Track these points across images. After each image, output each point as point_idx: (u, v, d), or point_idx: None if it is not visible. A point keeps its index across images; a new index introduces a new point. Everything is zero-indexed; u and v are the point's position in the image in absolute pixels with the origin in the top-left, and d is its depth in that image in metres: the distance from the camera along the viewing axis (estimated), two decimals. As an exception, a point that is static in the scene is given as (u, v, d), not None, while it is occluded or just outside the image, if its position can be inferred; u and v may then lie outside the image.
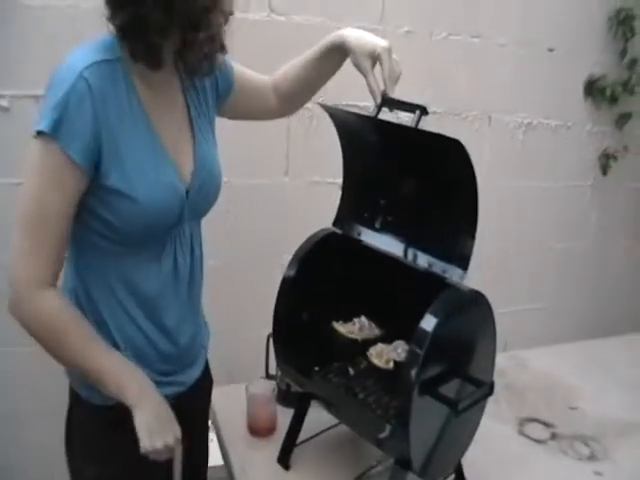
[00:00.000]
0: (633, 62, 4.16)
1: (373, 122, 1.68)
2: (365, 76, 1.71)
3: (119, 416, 1.50)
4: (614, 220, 4.48)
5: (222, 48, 1.59)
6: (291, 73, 1.92)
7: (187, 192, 1.58)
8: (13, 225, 1.44)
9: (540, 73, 3.87)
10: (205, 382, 1.91)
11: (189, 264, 1.67)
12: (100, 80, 1.42)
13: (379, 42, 1.71)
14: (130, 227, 1.50)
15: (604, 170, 4.30)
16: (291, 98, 1.96)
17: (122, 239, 1.52)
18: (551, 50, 3.90)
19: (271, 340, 1.85)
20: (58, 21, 2.57)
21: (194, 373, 1.80)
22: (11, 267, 1.44)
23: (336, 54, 1.80)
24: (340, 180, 1.91)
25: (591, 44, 4.08)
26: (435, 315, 1.50)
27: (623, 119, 4.28)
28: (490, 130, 3.76)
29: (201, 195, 1.63)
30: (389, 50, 1.69)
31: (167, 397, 1.59)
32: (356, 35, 1.75)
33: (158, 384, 1.60)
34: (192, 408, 1.78)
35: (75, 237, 1.53)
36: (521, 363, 2.78)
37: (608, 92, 4.13)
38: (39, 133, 1.40)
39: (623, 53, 4.14)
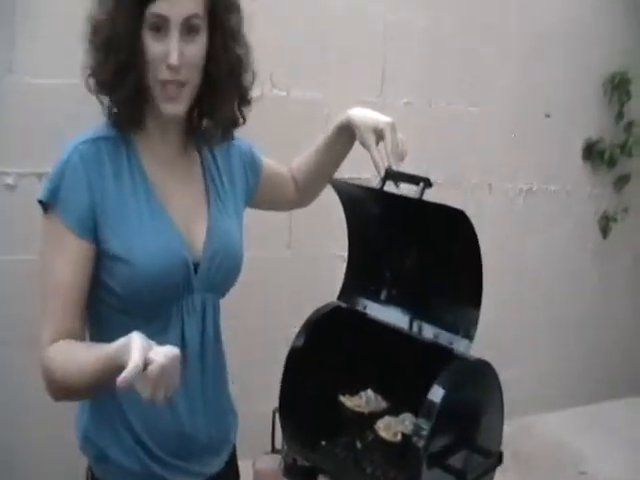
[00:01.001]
0: (630, 124, 4.22)
1: (378, 194, 1.69)
2: (369, 150, 1.73)
3: None
4: (615, 282, 4.49)
5: (234, 119, 1.65)
6: (305, 162, 1.96)
7: (198, 264, 1.59)
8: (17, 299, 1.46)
9: (538, 139, 3.92)
10: (228, 477, 1.84)
11: (199, 341, 1.64)
12: (95, 153, 1.49)
13: (382, 118, 1.75)
14: (132, 293, 1.50)
15: (604, 232, 4.32)
16: (308, 187, 1.99)
17: (127, 308, 1.53)
18: (548, 116, 3.96)
19: (277, 414, 1.84)
20: (62, 100, 2.62)
21: (214, 465, 1.74)
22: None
23: (344, 134, 1.84)
24: (342, 252, 1.92)
25: (587, 108, 4.14)
26: (442, 386, 1.50)
27: (622, 181, 4.33)
28: (490, 198, 3.79)
29: (214, 268, 1.62)
30: (392, 125, 1.72)
31: None
32: (360, 113, 1.80)
33: (169, 467, 1.59)
34: None
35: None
36: (526, 429, 2.77)
37: (606, 155, 4.18)
38: (39, 202, 1.47)
39: (619, 116, 4.21)
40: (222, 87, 1.58)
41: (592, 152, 4.22)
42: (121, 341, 1.29)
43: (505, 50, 3.80)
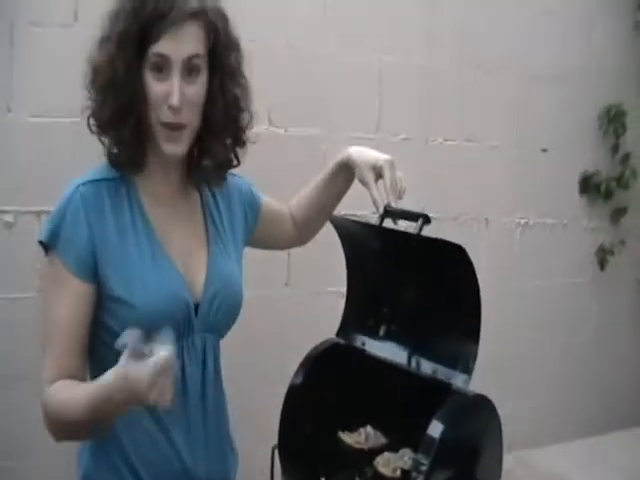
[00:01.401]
0: (626, 157, 4.24)
1: (376, 230, 1.71)
2: (368, 188, 1.75)
3: None
4: (614, 314, 4.49)
5: (228, 160, 1.67)
6: (304, 200, 1.97)
7: (198, 305, 1.59)
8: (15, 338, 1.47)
9: (534, 173, 3.94)
10: None
11: (200, 381, 1.64)
12: (95, 195, 1.51)
13: (381, 156, 1.77)
14: None
15: (602, 265, 4.33)
16: (307, 225, 2.00)
17: None
18: (544, 150, 3.99)
19: (276, 452, 1.84)
20: (61, 139, 2.64)
21: None
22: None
23: (343, 172, 1.86)
24: (341, 289, 1.93)
25: (583, 142, 4.17)
26: (441, 422, 1.49)
27: (618, 214, 4.34)
28: (487, 232, 3.80)
29: (214, 309, 1.62)
30: (391, 163, 1.74)
31: None
32: (360, 150, 1.82)
33: None
34: None
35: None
36: (527, 463, 2.75)
37: (603, 188, 4.20)
38: (39, 242, 1.50)
39: (615, 149, 4.23)
40: (217, 127, 1.59)
41: (588, 185, 4.23)
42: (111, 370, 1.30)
43: (501, 86, 3.82)
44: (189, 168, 1.65)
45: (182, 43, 1.46)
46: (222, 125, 1.59)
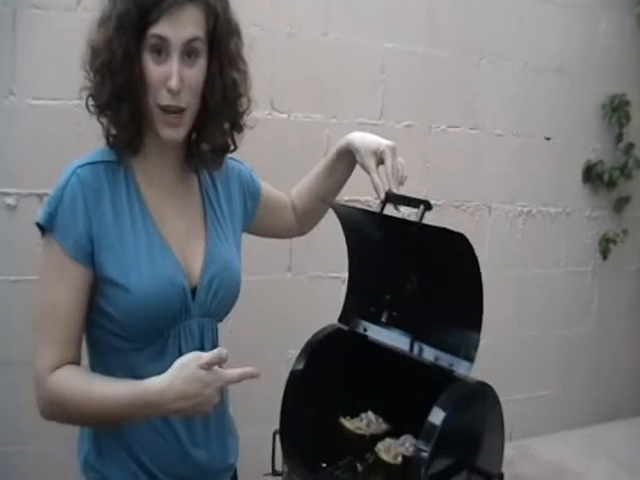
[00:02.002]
0: (629, 146, 4.23)
1: (378, 217, 1.70)
2: (369, 173, 1.75)
3: None
4: (616, 304, 4.49)
5: (225, 145, 1.66)
6: (305, 188, 1.97)
7: (195, 289, 1.59)
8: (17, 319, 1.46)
9: (538, 162, 3.93)
10: None
11: None
12: (93, 177, 1.50)
13: (383, 141, 1.77)
14: (129, 319, 1.50)
15: (604, 255, 4.33)
16: (308, 213, 1.99)
17: (124, 333, 1.53)
18: (548, 139, 3.97)
19: (277, 437, 1.84)
20: (63, 121, 2.63)
21: None
22: (34, 355, 1.49)
23: (345, 158, 1.86)
24: (343, 275, 1.93)
25: (587, 131, 4.16)
26: (443, 409, 1.49)
27: (621, 203, 4.34)
28: (490, 220, 3.79)
29: (211, 293, 1.62)
30: (393, 149, 1.74)
31: None
32: (361, 136, 1.82)
33: None
34: None
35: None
36: (527, 452, 2.76)
37: (606, 177, 4.19)
38: (37, 225, 1.48)
39: (619, 138, 4.22)
40: (216, 112, 1.57)
41: (592, 174, 4.23)
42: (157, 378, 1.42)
43: (505, 74, 3.82)
44: (187, 152, 1.64)
45: (182, 26, 1.44)
46: (220, 110, 1.58)
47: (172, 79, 1.45)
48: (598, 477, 2.51)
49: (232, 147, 1.68)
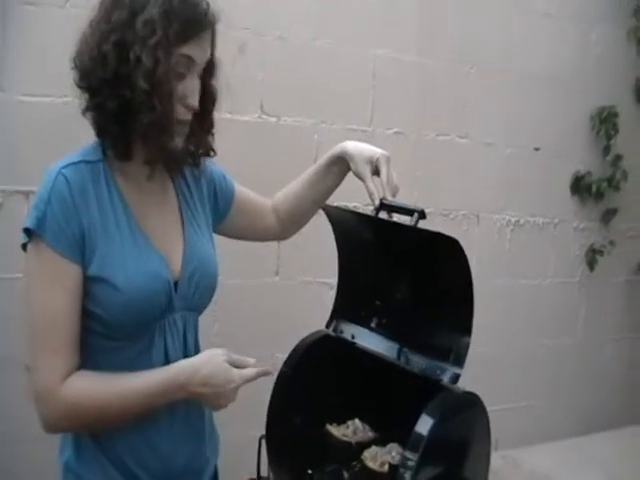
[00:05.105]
0: (617, 158, 4.26)
1: (371, 221, 1.70)
2: (364, 181, 1.75)
3: None
4: (603, 314, 4.51)
5: (211, 150, 1.71)
6: (291, 195, 1.96)
7: (177, 282, 1.60)
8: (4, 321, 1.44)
9: (526, 172, 3.95)
10: None
11: (182, 358, 1.62)
12: (78, 176, 1.49)
13: (378, 150, 1.77)
14: (115, 317, 1.50)
15: (591, 265, 4.34)
16: (292, 219, 1.99)
17: (110, 332, 1.52)
18: (537, 149, 3.99)
19: (263, 442, 1.82)
20: (52, 118, 2.62)
21: None
22: (34, 369, 1.47)
23: (337, 166, 1.86)
24: (331, 280, 1.92)
25: (576, 142, 4.19)
26: (430, 418, 1.49)
27: (609, 215, 4.36)
28: (478, 229, 3.80)
29: (192, 286, 1.63)
30: (387, 158, 1.75)
31: None
32: (355, 144, 1.82)
33: None
34: None
35: None
36: (513, 463, 2.75)
37: (594, 189, 4.21)
38: (25, 230, 1.46)
39: (606, 150, 4.25)
40: (206, 119, 1.65)
41: (580, 185, 4.25)
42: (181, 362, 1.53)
43: (496, 84, 3.83)
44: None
45: (206, 47, 1.53)
46: (209, 116, 1.65)
47: (194, 98, 1.52)
48: (584, 488, 2.51)
49: (212, 153, 1.74)
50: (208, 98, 1.61)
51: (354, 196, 1.81)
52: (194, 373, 1.49)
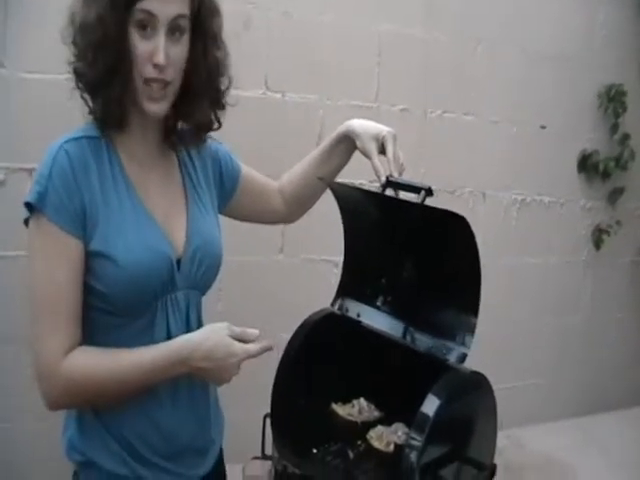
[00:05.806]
0: (625, 137, 4.23)
1: (378, 198, 1.68)
2: (370, 158, 1.74)
3: None
4: (608, 294, 4.50)
5: (209, 123, 1.68)
6: (297, 176, 1.95)
7: (179, 260, 1.59)
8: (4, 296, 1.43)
9: (533, 150, 3.92)
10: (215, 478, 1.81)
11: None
12: (79, 152, 1.49)
13: (384, 127, 1.77)
14: (116, 293, 1.49)
15: (597, 245, 4.33)
16: (299, 199, 1.98)
17: (112, 308, 1.52)
18: (543, 127, 3.96)
19: (268, 421, 1.82)
20: (54, 95, 2.58)
21: (200, 467, 1.73)
22: (36, 346, 1.47)
23: (343, 144, 1.85)
24: (335, 258, 1.90)
25: (583, 121, 4.16)
26: (436, 398, 1.47)
27: (616, 194, 4.34)
28: (484, 207, 3.78)
29: (195, 264, 1.62)
30: (394, 135, 1.74)
31: None
32: (361, 122, 1.81)
33: (155, 469, 1.59)
34: None
35: None
36: (518, 442, 2.75)
37: (601, 168, 4.19)
38: (26, 205, 1.46)
39: (614, 129, 4.22)
40: (199, 90, 1.61)
41: (587, 164, 4.22)
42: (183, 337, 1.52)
43: (502, 61, 3.80)
44: (166, 130, 1.66)
45: (169, 2, 1.47)
46: (203, 88, 1.61)
47: (159, 54, 1.47)
48: (589, 468, 2.51)
49: (216, 125, 1.70)
50: (206, 67, 1.59)
51: (360, 174, 1.79)
52: (196, 347, 1.49)
